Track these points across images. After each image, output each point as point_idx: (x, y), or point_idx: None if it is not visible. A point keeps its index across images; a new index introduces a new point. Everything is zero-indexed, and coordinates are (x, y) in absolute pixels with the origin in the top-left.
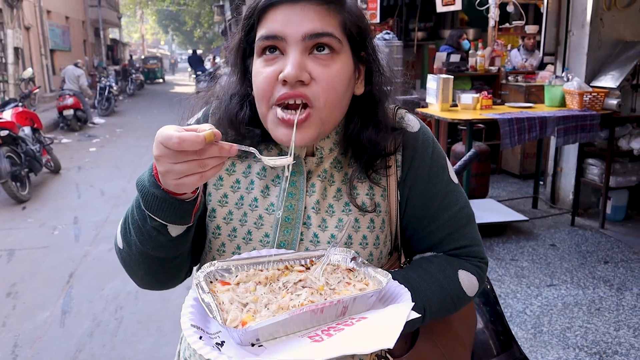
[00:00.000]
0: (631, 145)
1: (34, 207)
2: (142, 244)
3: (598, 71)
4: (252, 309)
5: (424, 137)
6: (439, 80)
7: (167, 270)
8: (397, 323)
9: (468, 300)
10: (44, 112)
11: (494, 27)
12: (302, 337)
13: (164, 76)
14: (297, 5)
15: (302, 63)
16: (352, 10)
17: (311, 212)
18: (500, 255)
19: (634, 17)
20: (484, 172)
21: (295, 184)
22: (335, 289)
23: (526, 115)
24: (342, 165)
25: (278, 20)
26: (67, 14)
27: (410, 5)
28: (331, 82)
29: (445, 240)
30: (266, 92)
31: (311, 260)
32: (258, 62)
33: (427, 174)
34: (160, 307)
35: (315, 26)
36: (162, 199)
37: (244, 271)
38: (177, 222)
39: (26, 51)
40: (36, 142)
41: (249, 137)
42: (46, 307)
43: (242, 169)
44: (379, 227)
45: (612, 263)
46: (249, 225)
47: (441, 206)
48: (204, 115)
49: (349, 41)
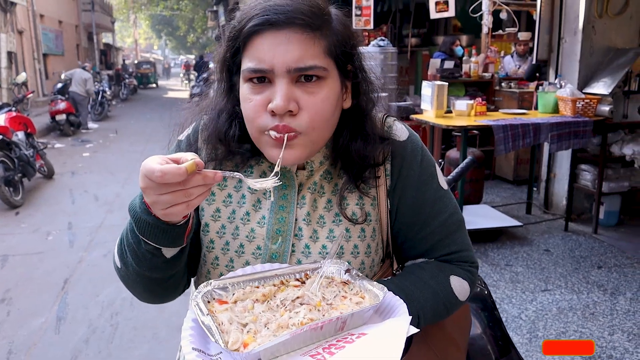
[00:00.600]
0: (623, 151)
1: (28, 213)
2: (138, 265)
3: (590, 78)
4: (252, 329)
5: (413, 145)
6: (434, 86)
7: (164, 287)
8: (398, 339)
9: (460, 304)
10: (37, 117)
11: (487, 33)
12: (304, 356)
13: (157, 81)
14: (282, 32)
15: (290, 94)
16: (338, 30)
17: (302, 224)
18: (495, 260)
19: (625, 24)
20: (478, 178)
21: (286, 197)
22: (332, 303)
23: (520, 121)
24: (332, 176)
25: (264, 50)
26: (60, 18)
27: (404, 12)
28: (319, 109)
29: (437, 247)
30: (256, 119)
31: (306, 274)
32: (245, 87)
33: (417, 182)
34: (156, 313)
35: (301, 57)
36: (153, 225)
37: (241, 289)
38: (169, 245)
39: (19, 55)
40: (29, 147)
41: (239, 153)
42: (41, 314)
43: (233, 183)
44: (370, 236)
45: (606, 268)
46: (241, 239)
47: (431, 213)
48: (193, 131)
49: (335, 62)
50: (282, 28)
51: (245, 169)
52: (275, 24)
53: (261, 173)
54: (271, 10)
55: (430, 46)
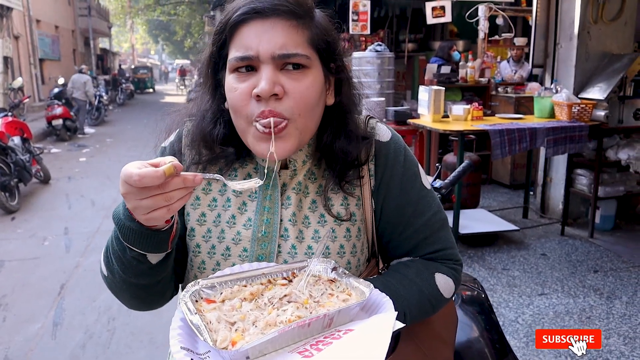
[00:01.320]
0: (619, 156)
1: (24, 218)
2: (124, 272)
3: (586, 83)
4: (240, 328)
5: (396, 145)
6: (431, 91)
7: (151, 294)
8: (384, 334)
9: (445, 301)
10: (33, 122)
11: (484, 39)
12: (292, 353)
13: (154, 86)
14: (268, 21)
15: (275, 78)
16: (321, 24)
17: (288, 225)
18: (492, 264)
19: (619, 30)
20: (475, 182)
21: (270, 198)
22: (319, 301)
23: (516, 126)
24: (316, 176)
25: (250, 37)
26: (56, 24)
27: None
28: (303, 94)
29: (421, 245)
30: (242, 107)
31: (293, 272)
32: (231, 78)
33: (400, 182)
34: (153, 318)
35: (285, 44)
36: (137, 231)
37: (229, 288)
38: (154, 251)
39: (15, 60)
40: (26, 152)
41: (223, 156)
42: (37, 319)
43: (218, 187)
44: (356, 236)
45: (602, 272)
46: (227, 242)
47: (415, 212)
48: (176, 137)
49: (318, 55)
50: (268, 16)
51: (229, 172)
52: (261, 12)
53: (245, 175)
54: (255, 1)
55: (427, 51)
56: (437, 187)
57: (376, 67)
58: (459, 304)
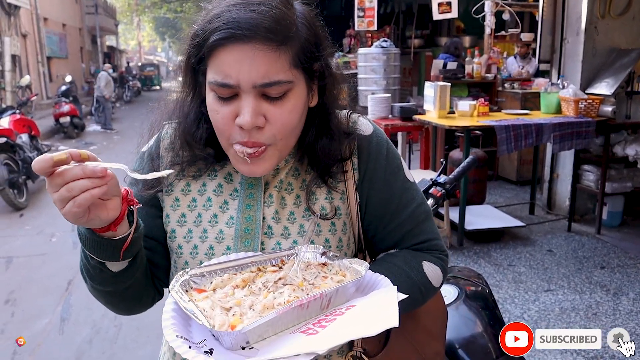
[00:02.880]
0: (626, 152)
1: (32, 215)
2: (90, 279)
3: (593, 78)
4: (237, 312)
5: (378, 139)
6: (437, 87)
7: (123, 300)
8: (391, 303)
9: (434, 290)
10: (41, 119)
11: (490, 34)
12: (294, 333)
13: (161, 83)
14: (248, 45)
15: (257, 109)
16: (303, 36)
17: (271, 222)
18: (498, 260)
19: (627, 24)
20: (481, 178)
21: (253, 196)
22: (314, 283)
23: (523, 122)
24: (300, 172)
25: (229, 64)
26: (64, 22)
27: (407, 13)
28: (285, 121)
29: (407, 237)
30: (224, 131)
31: (282, 260)
32: (212, 97)
33: (384, 175)
34: (159, 314)
35: (266, 73)
36: (88, 237)
37: (219, 276)
38: (109, 259)
39: (23, 58)
40: (34, 149)
41: (202, 158)
42: (45, 315)
43: (197, 187)
44: (341, 230)
45: (609, 268)
46: (210, 241)
47: (400, 204)
48: (155, 141)
49: (302, 70)
50: (247, 42)
51: (208, 172)
52: (239, 38)
53: (226, 175)
54: (234, 24)
55: (433, 47)
56: (441, 182)
57: (382, 63)
58: (463, 299)
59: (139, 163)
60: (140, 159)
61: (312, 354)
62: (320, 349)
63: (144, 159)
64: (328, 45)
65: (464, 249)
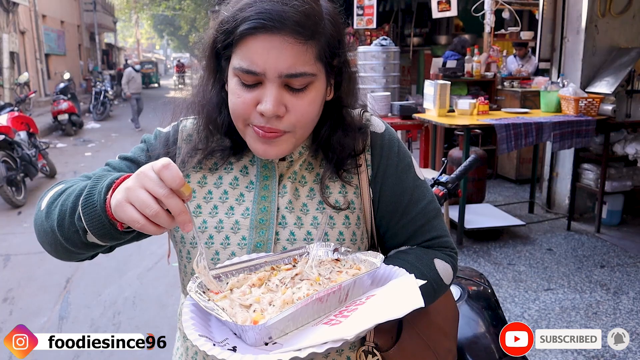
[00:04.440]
0: (626, 151)
1: (30, 212)
2: (58, 226)
3: (593, 77)
4: (257, 309)
5: (390, 137)
6: (437, 86)
7: (70, 254)
8: (412, 287)
9: (445, 288)
10: (39, 117)
11: (490, 33)
12: (317, 326)
13: (160, 80)
14: (277, 36)
15: (279, 98)
16: (329, 32)
17: (285, 212)
18: (498, 259)
19: (627, 23)
20: (481, 177)
21: (267, 187)
22: (330, 277)
23: (522, 120)
24: (314, 166)
25: (257, 52)
26: (62, 19)
27: (406, 12)
28: (305, 111)
29: (417, 233)
30: (243, 113)
31: (294, 259)
32: (235, 82)
33: (395, 171)
34: (158, 312)
35: (293, 64)
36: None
37: (234, 277)
38: (99, 236)
39: (21, 55)
40: (32, 146)
41: (219, 150)
42: (43, 313)
43: (213, 180)
44: (355, 224)
45: (609, 267)
46: (226, 231)
47: (411, 200)
48: (173, 129)
49: (324, 64)
50: (276, 33)
51: (225, 165)
52: (269, 29)
53: (242, 168)
54: (266, 15)
55: (432, 45)
56: (443, 182)
57: (381, 62)
58: (465, 299)
59: (153, 139)
60: (156, 135)
61: (340, 340)
62: (348, 335)
63: (160, 139)
64: (347, 42)
65: (463, 248)
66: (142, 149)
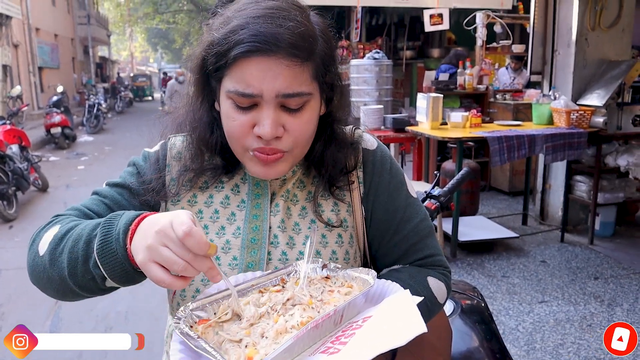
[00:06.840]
0: (618, 162)
1: (22, 226)
2: (70, 275)
3: (584, 90)
4: (249, 343)
5: (382, 154)
6: (429, 98)
7: (80, 297)
8: (410, 308)
9: (440, 307)
10: (32, 130)
11: (482, 46)
12: (314, 355)
13: (153, 94)
14: (272, 59)
15: (277, 120)
16: (323, 51)
17: (277, 231)
18: (492, 272)
19: (617, 37)
20: (474, 189)
21: (259, 206)
22: (322, 299)
23: (515, 133)
24: (305, 184)
25: (252, 75)
26: (56, 32)
27: (399, 25)
28: (303, 130)
29: (410, 252)
30: (240, 139)
31: (282, 279)
32: (228, 105)
33: (388, 188)
34: (151, 326)
35: (289, 85)
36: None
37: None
38: (121, 283)
39: (14, 69)
40: (24, 160)
41: (210, 169)
42: (34, 328)
43: (203, 199)
44: (348, 242)
45: (602, 279)
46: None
47: (403, 218)
48: (162, 147)
49: (318, 82)
50: (271, 55)
51: (215, 184)
52: (265, 52)
53: (233, 186)
54: (261, 38)
55: (425, 58)
56: (436, 195)
57: (374, 75)
58: (459, 313)
59: (143, 162)
60: (144, 157)
61: None
62: None
63: (150, 161)
64: (339, 56)
65: (457, 260)
66: (132, 173)
